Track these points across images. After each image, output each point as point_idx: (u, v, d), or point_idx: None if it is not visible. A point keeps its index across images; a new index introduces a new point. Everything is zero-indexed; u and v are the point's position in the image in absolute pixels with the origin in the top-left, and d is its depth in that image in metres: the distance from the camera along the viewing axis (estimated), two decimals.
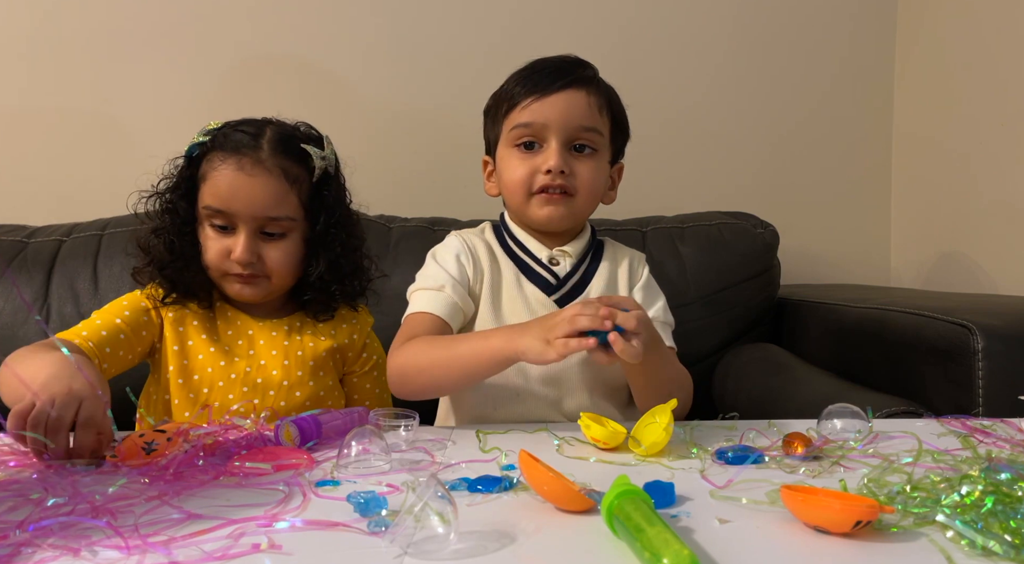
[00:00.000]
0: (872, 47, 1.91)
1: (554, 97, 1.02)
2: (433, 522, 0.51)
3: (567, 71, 1.04)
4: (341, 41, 1.82)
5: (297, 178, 1.04)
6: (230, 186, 1.01)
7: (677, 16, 1.88)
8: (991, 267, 1.60)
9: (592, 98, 1.03)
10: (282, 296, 1.11)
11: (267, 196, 1.01)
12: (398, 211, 1.65)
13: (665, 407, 0.77)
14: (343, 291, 1.10)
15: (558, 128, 1.01)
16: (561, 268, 1.06)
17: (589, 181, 1.04)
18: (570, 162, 1.02)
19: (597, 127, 1.04)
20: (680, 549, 0.45)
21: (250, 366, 1.05)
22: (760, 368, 1.42)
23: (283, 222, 1.03)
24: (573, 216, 1.05)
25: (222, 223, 1.02)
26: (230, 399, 1.03)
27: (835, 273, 1.94)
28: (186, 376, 1.04)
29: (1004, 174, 1.55)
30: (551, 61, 1.06)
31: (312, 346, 1.09)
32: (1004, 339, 1.02)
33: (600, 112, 1.04)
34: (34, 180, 1.78)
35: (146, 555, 0.50)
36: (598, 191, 1.07)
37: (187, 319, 1.07)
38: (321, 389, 1.08)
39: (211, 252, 1.03)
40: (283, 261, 1.04)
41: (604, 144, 1.06)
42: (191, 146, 1.05)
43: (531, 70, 1.06)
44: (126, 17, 1.78)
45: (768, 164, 1.92)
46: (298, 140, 1.06)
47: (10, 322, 1.42)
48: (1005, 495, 0.54)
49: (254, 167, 1.01)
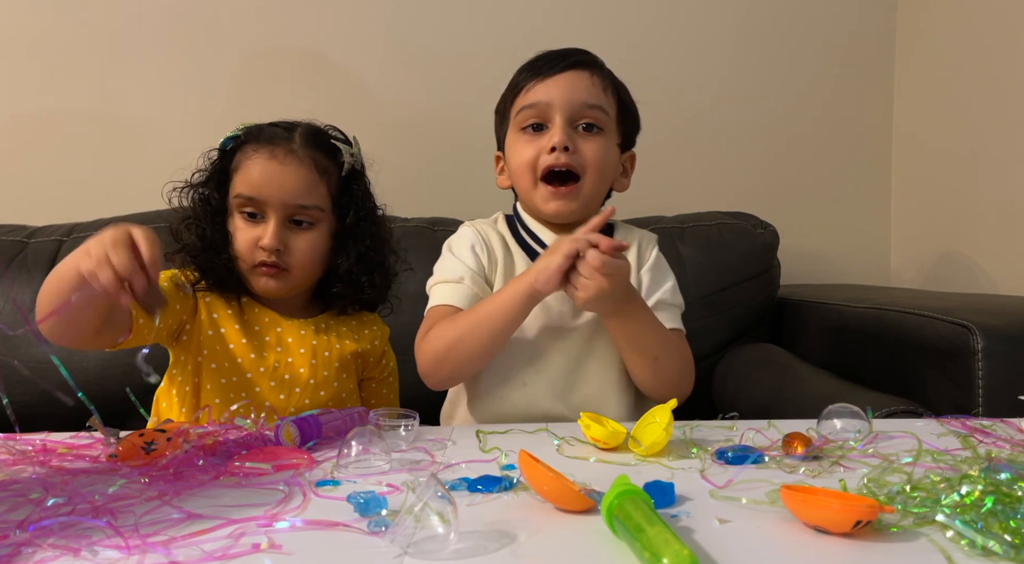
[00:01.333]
0: (872, 48, 1.91)
1: (557, 77, 1.03)
2: (433, 522, 0.51)
3: (569, 54, 1.05)
4: (343, 41, 1.82)
5: (327, 170, 1.07)
6: (262, 173, 1.03)
7: (678, 17, 1.88)
8: (991, 267, 1.60)
9: (596, 78, 1.04)
10: (306, 296, 1.12)
11: (298, 183, 1.03)
12: (398, 211, 1.64)
13: (665, 407, 0.77)
14: (371, 283, 1.11)
15: (561, 106, 1.02)
16: None
17: (596, 160, 1.02)
18: (575, 140, 1.02)
19: (602, 105, 1.03)
20: (680, 549, 0.45)
21: (278, 361, 1.06)
22: (760, 368, 1.42)
23: (312, 211, 1.05)
24: (584, 208, 1.05)
25: (253, 211, 1.04)
26: (257, 392, 1.04)
27: (835, 273, 1.94)
28: (219, 362, 1.05)
29: (1004, 174, 1.55)
30: (554, 51, 1.08)
31: (339, 348, 1.10)
32: (1004, 339, 1.02)
33: (605, 92, 1.04)
34: (34, 180, 1.78)
35: (146, 555, 0.50)
36: (607, 172, 1.05)
37: (220, 308, 1.08)
38: (344, 391, 1.10)
39: (240, 242, 1.04)
40: (308, 253, 1.05)
41: (610, 124, 1.05)
42: (225, 140, 1.08)
43: (535, 59, 1.07)
44: (128, 16, 1.78)
45: (768, 164, 1.92)
46: (328, 136, 1.10)
47: (10, 322, 1.42)
48: (1005, 495, 0.54)
49: (286, 156, 1.04)
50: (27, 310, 1.42)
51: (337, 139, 1.11)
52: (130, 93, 1.79)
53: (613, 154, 1.06)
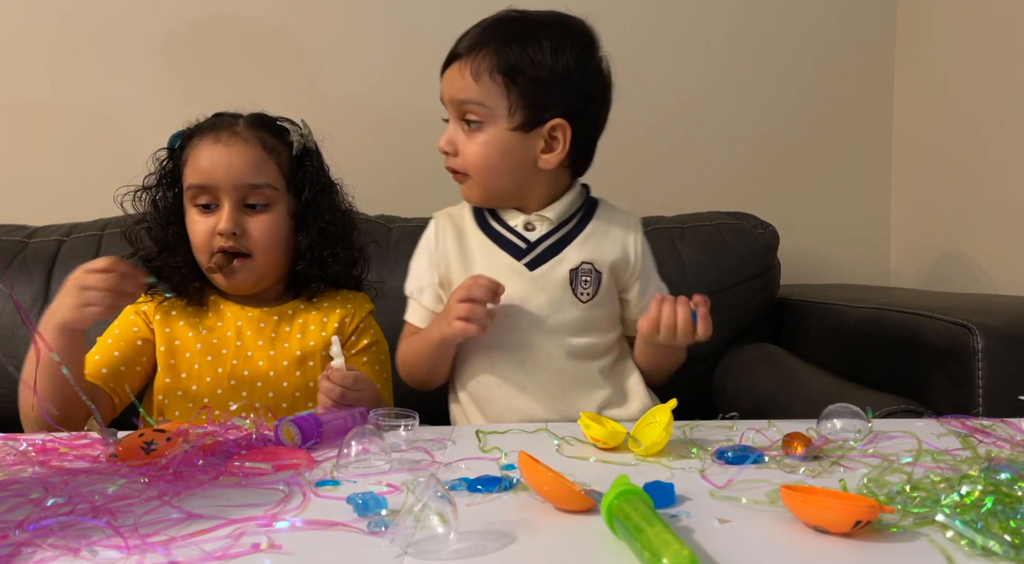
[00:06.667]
0: (872, 48, 1.91)
1: (444, 75, 1.05)
2: (433, 522, 0.51)
3: (450, 53, 1.05)
4: (342, 40, 1.82)
5: (275, 148, 1.07)
6: (209, 158, 1.04)
7: (676, 15, 1.87)
8: (991, 267, 1.60)
9: (465, 69, 1.00)
10: (278, 286, 1.12)
11: (245, 163, 1.04)
12: (398, 211, 1.65)
13: (665, 407, 0.77)
14: (334, 256, 1.11)
15: (446, 102, 1.04)
16: (535, 233, 1.06)
17: (474, 157, 1.01)
18: (455, 140, 1.03)
19: (474, 99, 0.99)
20: (680, 549, 0.45)
21: (236, 358, 1.06)
22: (760, 368, 1.42)
23: (264, 190, 1.05)
24: (483, 197, 1.06)
25: (206, 201, 1.04)
26: (219, 394, 1.04)
27: (835, 273, 1.93)
28: (173, 375, 1.05)
29: (1004, 174, 1.55)
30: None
31: (300, 337, 1.09)
32: (1004, 339, 1.02)
33: (476, 80, 0.99)
34: (34, 180, 1.78)
35: (146, 555, 0.50)
36: (491, 165, 1.01)
37: (173, 320, 1.07)
38: (311, 379, 1.08)
39: (197, 234, 1.04)
40: (267, 234, 1.05)
41: (494, 114, 0.99)
42: (172, 137, 1.09)
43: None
44: (128, 16, 1.78)
45: (768, 164, 1.91)
46: (274, 119, 1.11)
47: (10, 322, 1.43)
48: (1005, 495, 0.54)
49: (231, 138, 1.05)
50: (27, 310, 1.42)
51: (284, 120, 1.11)
52: (132, 93, 1.78)
53: (499, 143, 1.00)
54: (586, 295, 1.04)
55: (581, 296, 1.04)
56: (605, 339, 1.07)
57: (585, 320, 1.04)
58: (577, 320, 1.04)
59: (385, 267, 1.45)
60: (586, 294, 1.04)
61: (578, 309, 1.04)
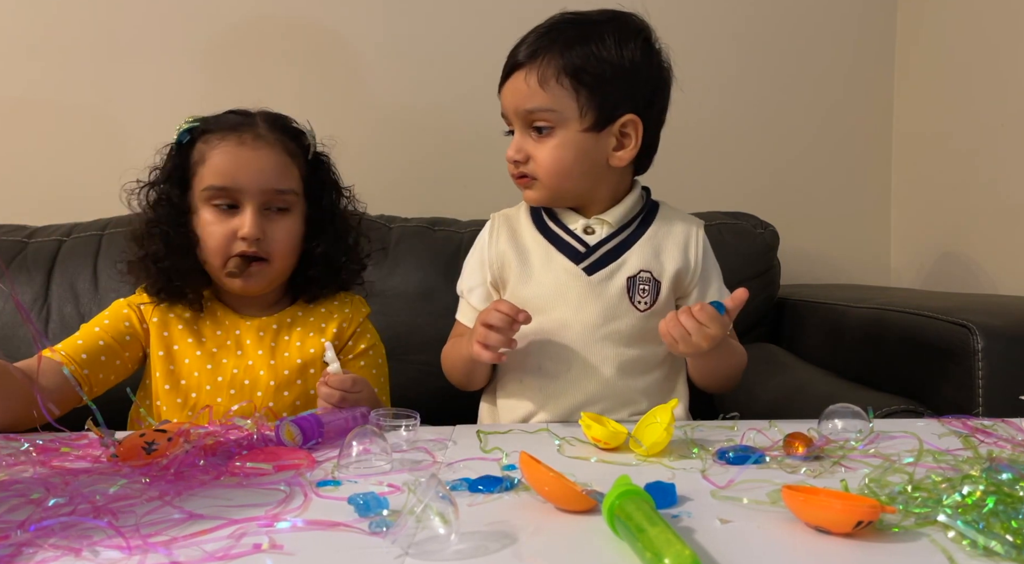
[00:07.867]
0: (872, 47, 1.91)
1: (504, 87, 1.03)
2: (434, 522, 0.51)
3: (508, 63, 1.03)
4: (343, 39, 1.82)
5: (295, 153, 1.06)
6: (234, 161, 1.00)
7: (676, 16, 1.87)
8: (991, 267, 1.60)
9: (530, 77, 0.98)
10: (279, 289, 1.11)
11: (273, 168, 1.02)
12: (398, 211, 1.65)
13: (666, 407, 0.77)
14: (347, 261, 1.11)
15: (511, 114, 1.02)
16: (595, 236, 1.03)
17: (547, 162, 0.99)
18: (524, 147, 1.00)
19: (543, 106, 0.98)
20: (682, 549, 0.45)
21: (237, 367, 1.04)
22: (760, 368, 1.42)
23: (288, 196, 1.04)
24: (550, 199, 1.03)
25: (226, 202, 1.01)
26: (219, 402, 1.02)
27: (835, 273, 1.94)
28: (173, 381, 1.03)
29: (1004, 174, 1.55)
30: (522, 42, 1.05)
31: (299, 346, 1.07)
32: (1004, 339, 1.02)
33: (542, 86, 0.98)
34: (34, 180, 1.78)
35: (147, 555, 0.50)
36: (565, 169, 0.99)
37: (172, 323, 1.05)
38: (311, 387, 1.07)
39: (214, 237, 1.01)
40: (287, 240, 1.04)
41: (564, 117, 0.98)
42: (181, 132, 1.05)
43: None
44: (128, 15, 1.78)
45: (768, 164, 1.92)
46: (290, 120, 1.10)
47: (10, 322, 1.43)
48: (1006, 495, 0.54)
49: (256, 140, 1.02)
50: (27, 310, 1.42)
51: (296, 123, 1.10)
52: (132, 93, 1.78)
53: (571, 147, 0.99)
54: (644, 304, 1.02)
55: (639, 305, 1.01)
56: (658, 352, 1.04)
57: (641, 329, 1.01)
58: (632, 329, 1.01)
59: (385, 267, 1.45)
60: (644, 303, 1.02)
61: (634, 318, 1.01)
